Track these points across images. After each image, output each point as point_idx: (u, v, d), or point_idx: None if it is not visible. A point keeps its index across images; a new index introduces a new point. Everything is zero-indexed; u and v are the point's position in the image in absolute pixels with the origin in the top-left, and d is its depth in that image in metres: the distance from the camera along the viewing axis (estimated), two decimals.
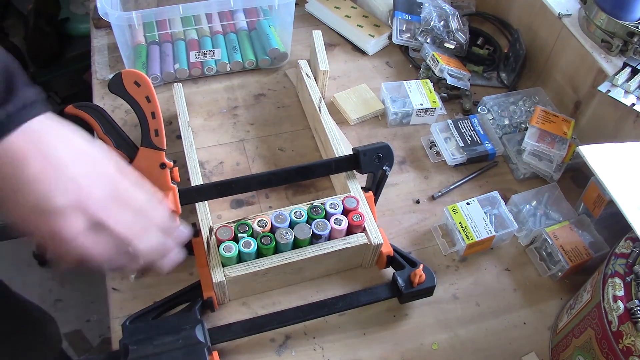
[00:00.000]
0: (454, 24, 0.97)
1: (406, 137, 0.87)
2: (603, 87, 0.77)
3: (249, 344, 0.63)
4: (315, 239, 0.64)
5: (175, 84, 0.85)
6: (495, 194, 0.76)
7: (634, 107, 0.75)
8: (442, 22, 0.98)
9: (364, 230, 0.66)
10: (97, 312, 1.50)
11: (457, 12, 0.99)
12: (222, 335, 0.61)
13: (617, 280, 0.53)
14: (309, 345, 0.64)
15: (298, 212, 0.65)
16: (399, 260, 0.67)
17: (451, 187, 0.81)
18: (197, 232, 0.66)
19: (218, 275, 0.61)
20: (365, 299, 0.65)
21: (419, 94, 0.87)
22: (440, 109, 0.88)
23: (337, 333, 0.65)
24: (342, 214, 0.66)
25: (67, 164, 0.43)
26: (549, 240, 0.70)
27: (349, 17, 1.02)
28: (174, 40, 0.93)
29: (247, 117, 0.87)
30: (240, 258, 0.63)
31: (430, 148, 0.85)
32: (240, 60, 0.92)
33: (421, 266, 0.65)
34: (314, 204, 0.66)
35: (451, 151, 0.83)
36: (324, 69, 0.84)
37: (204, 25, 0.95)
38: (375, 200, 0.73)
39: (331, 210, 0.65)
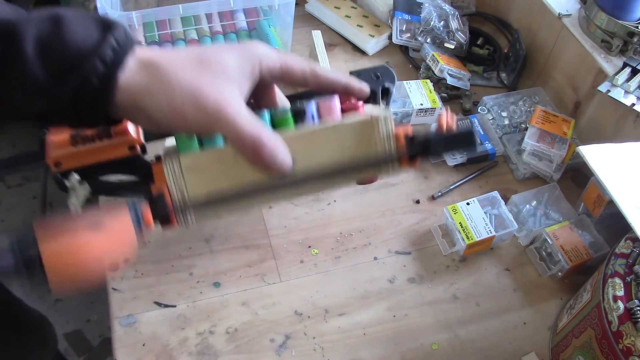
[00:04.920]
0: (454, 24, 0.97)
1: None
2: (603, 87, 0.77)
3: (248, 343, 0.63)
4: (299, 118, 0.50)
5: None
6: (495, 194, 0.76)
7: (634, 107, 0.75)
8: (442, 22, 0.98)
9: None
10: (97, 312, 1.50)
11: (457, 12, 0.99)
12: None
13: (617, 280, 0.53)
14: (309, 345, 0.64)
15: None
16: (421, 140, 0.49)
17: (451, 187, 0.81)
18: (158, 157, 0.50)
19: (172, 164, 0.46)
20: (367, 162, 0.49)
21: (419, 94, 0.87)
22: (440, 109, 0.88)
23: (337, 333, 0.65)
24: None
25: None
26: (549, 240, 0.70)
27: (349, 17, 1.02)
28: (174, 40, 0.92)
29: None
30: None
31: None
32: None
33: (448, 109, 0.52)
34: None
35: None
36: None
37: (204, 25, 0.95)
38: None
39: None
